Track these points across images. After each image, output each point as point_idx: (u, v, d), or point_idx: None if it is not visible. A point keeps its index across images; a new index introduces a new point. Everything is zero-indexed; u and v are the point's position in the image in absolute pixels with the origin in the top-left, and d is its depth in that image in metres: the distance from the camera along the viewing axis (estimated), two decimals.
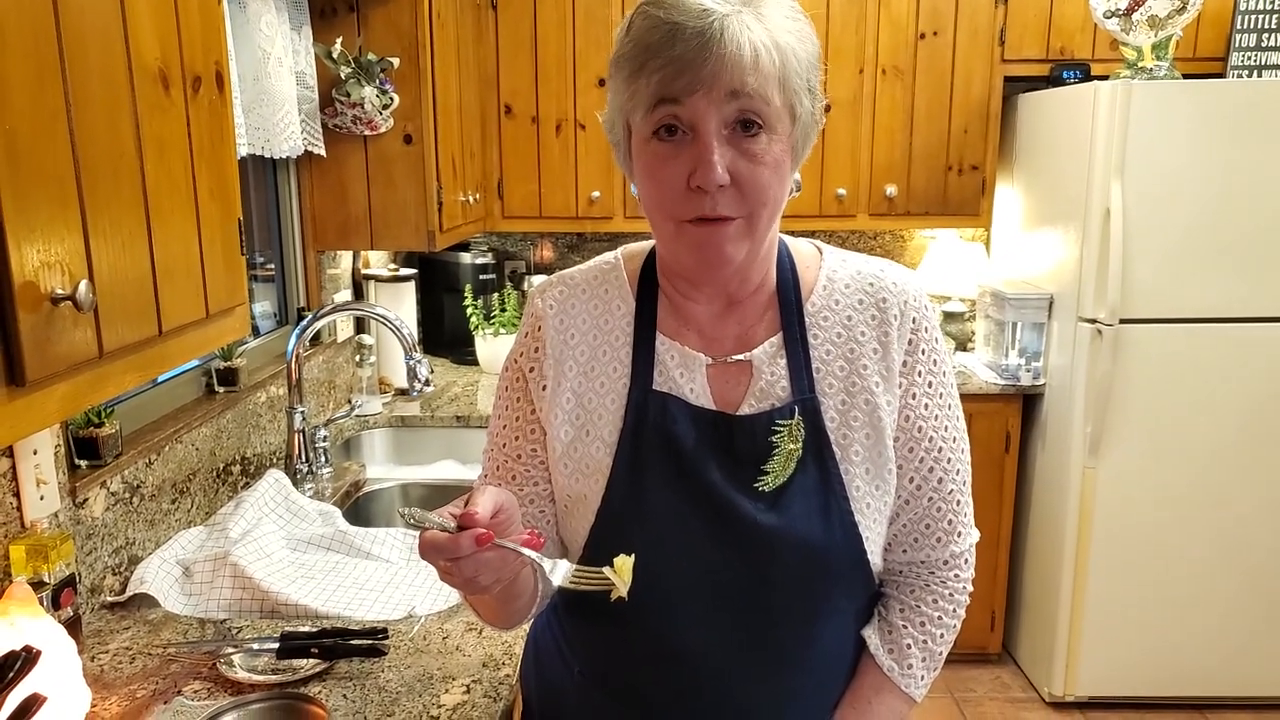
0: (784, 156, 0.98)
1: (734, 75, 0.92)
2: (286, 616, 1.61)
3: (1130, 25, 2.98)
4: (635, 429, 1.07)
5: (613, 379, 1.10)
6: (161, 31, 1.09)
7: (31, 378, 0.85)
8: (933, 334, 1.11)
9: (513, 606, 1.11)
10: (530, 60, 3.33)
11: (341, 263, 2.99)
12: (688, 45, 0.92)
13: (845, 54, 3.30)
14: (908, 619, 1.14)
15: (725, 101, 0.93)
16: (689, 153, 0.95)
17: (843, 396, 1.07)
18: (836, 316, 1.09)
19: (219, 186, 1.25)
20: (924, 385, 1.10)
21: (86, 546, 1.58)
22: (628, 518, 1.06)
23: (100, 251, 0.96)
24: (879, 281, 1.11)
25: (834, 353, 1.08)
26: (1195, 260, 2.90)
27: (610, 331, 1.12)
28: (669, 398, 1.07)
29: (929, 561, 1.13)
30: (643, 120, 0.97)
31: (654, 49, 0.94)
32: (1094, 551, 3.06)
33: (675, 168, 0.96)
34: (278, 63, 2.17)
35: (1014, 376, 3.23)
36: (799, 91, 0.97)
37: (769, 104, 0.94)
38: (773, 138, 0.96)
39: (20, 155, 0.83)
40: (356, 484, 2.35)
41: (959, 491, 1.12)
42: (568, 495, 1.10)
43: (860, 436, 1.07)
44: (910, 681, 1.14)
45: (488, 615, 1.14)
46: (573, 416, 1.10)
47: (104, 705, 1.33)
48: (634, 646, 1.10)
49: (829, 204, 3.40)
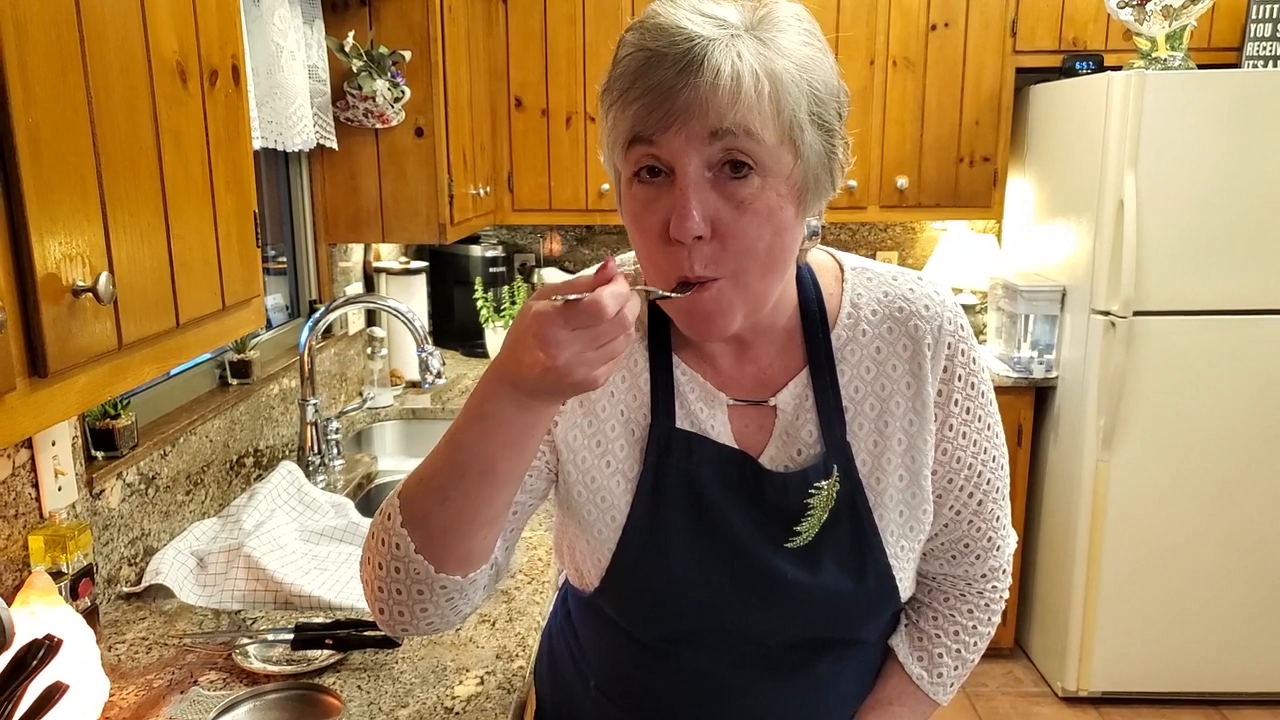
0: (782, 202, 0.85)
1: (711, 110, 0.80)
2: (300, 608, 1.62)
3: (1144, 15, 2.96)
4: (656, 468, 0.99)
5: (632, 408, 1.01)
6: (179, 25, 1.09)
7: (53, 369, 0.86)
8: (969, 355, 1.02)
9: (495, 511, 0.90)
10: (540, 53, 3.33)
11: (353, 256, 2.99)
12: (664, 75, 0.80)
13: (856, 45, 3.29)
14: (941, 628, 1.11)
15: (706, 141, 0.81)
16: (667, 198, 0.84)
17: (875, 438, 0.99)
18: (865, 350, 1.00)
19: (235, 179, 1.25)
20: (961, 413, 1.02)
21: (103, 537, 1.59)
22: (647, 564, 1.00)
23: (120, 244, 0.96)
24: (909, 305, 1.00)
25: (864, 390, 0.99)
26: (1209, 252, 2.88)
27: (627, 352, 1.01)
28: (693, 437, 0.99)
29: (967, 576, 1.11)
30: (622, 160, 0.87)
31: (631, 78, 0.83)
32: (1107, 545, 3.05)
33: (654, 215, 0.85)
34: (290, 56, 2.17)
35: (1026, 369, 3.22)
36: (801, 125, 0.84)
37: (759, 141, 0.81)
38: (766, 181, 0.83)
39: (43, 148, 0.84)
40: (368, 476, 2.36)
41: (998, 507, 1.08)
42: (581, 521, 1.04)
43: (894, 479, 1.00)
44: (938, 688, 1.11)
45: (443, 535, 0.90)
46: (592, 444, 1.02)
47: (121, 695, 1.34)
48: (651, 668, 1.07)
49: (840, 196, 3.36)
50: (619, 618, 1.06)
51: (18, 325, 0.82)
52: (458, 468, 0.88)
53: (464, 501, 0.88)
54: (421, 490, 0.91)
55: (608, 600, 1.05)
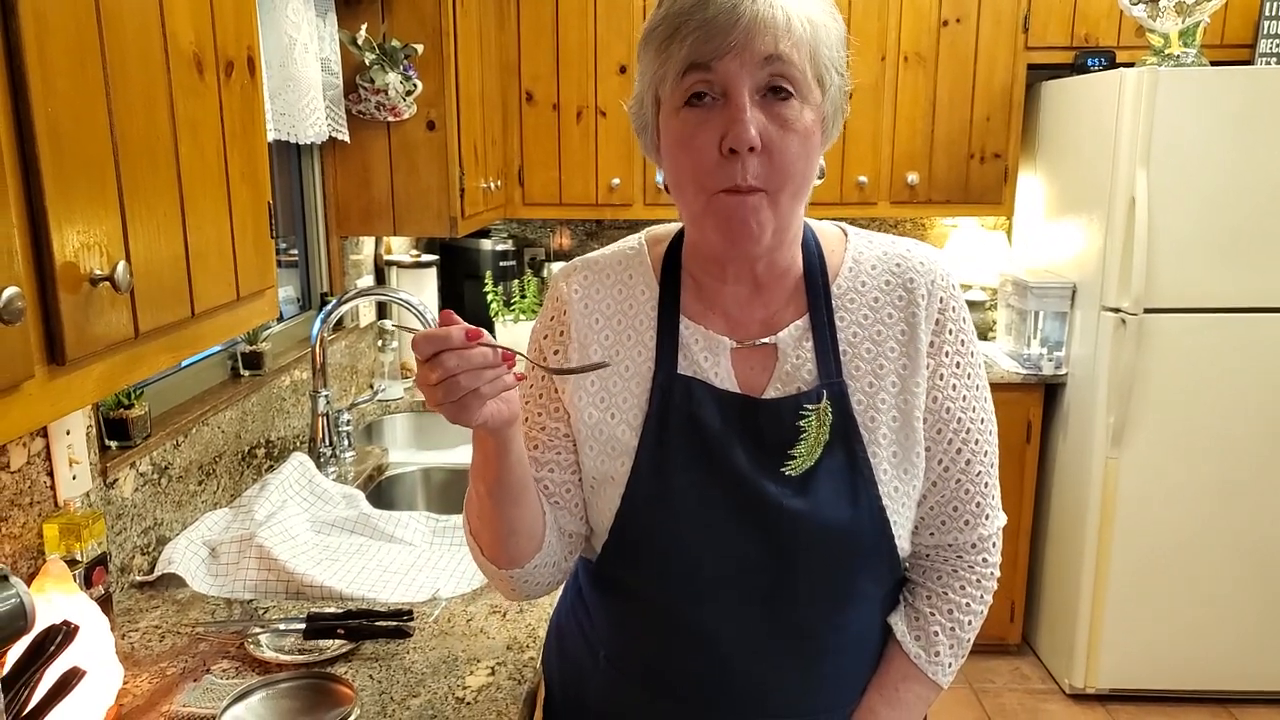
0: (814, 127, 0.97)
1: (767, 38, 0.92)
2: (312, 598, 1.63)
3: (1157, 12, 2.95)
4: (660, 412, 1.07)
5: (637, 363, 1.09)
6: (196, 16, 1.10)
7: (71, 357, 0.86)
8: (960, 313, 1.10)
9: (515, 521, 1.05)
10: (551, 47, 3.33)
11: (364, 248, 3.00)
12: (720, 8, 0.92)
13: (867, 41, 3.28)
14: (935, 606, 1.14)
15: (758, 66, 0.93)
16: (720, 117, 0.94)
17: (870, 379, 1.06)
18: (863, 298, 1.08)
19: (250, 170, 1.26)
20: (951, 365, 1.09)
21: (116, 526, 1.60)
22: (654, 500, 1.06)
23: (137, 233, 0.97)
24: (906, 261, 1.09)
25: (860, 335, 1.07)
26: (1221, 250, 2.88)
27: (634, 316, 1.11)
28: (694, 381, 1.07)
29: (956, 545, 1.13)
30: (673, 89, 0.97)
31: (685, 14, 0.94)
32: (1116, 542, 3.05)
33: (706, 134, 0.95)
34: (304, 49, 2.18)
35: (1036, 366, 3.22)
36: (828, 66, 0.97)
37: (801, 71, 0.94)
38: (804, 105, 0.96)
39: (62, 138, 0.84)
40: (379, 468, 2.37)
41: (986, 474, 1.12)
42: (594, 476, 1.10)
43: (887, 419, 1.06)
44: (937, 669, 1.14)
45: (490, 543, 1.07)
46: (598, 400, 1.10)
47: (135, 682, 1.35)
48: (660, 631, 1.11)
49: (850, 191, 3.39)
50: (627, 570, 1.11)
51: (36, 313, 0.83)
52: (476, 491, 1.04)
53: (491, 518, 1.04)
54: (467, 508, 1.10)
55: (618, 551, 1.10)
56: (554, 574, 1.14)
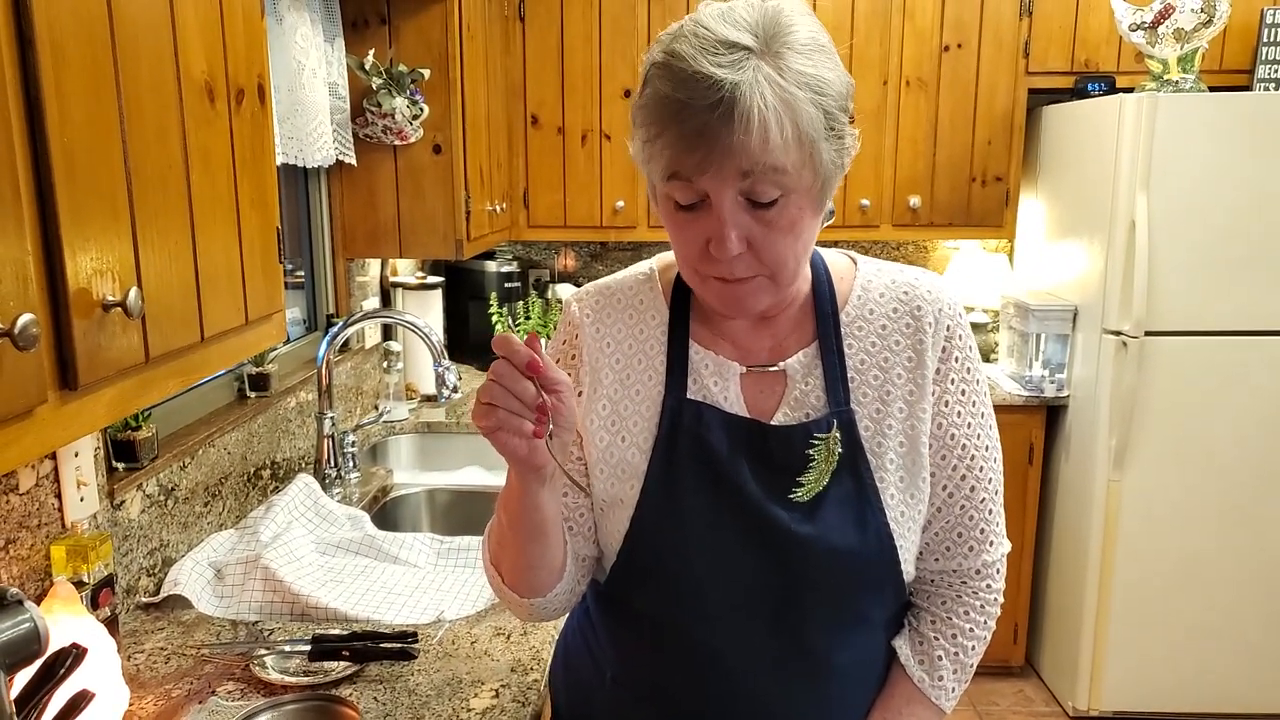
0: (803, 212, 0.96)
1: (743, 155, 0.90)
2: (317, 619, 1.63)
3: (1156, 38, 2.98)
4: (669, 435, 1.08)
5: (647, 386, 1.11)
6: (208, 46, 1.12)
7: (83, 382, 0.88)
8: (966, 342, 1.12)
9: (533, 556, 1.06)
10: (557, 71, 3.36)
11: (370, 270, 3.02)
12: (697, 123, 0.89)
13: (869, 66, 3.31)
14: (939, 630, 1.15)
15: (739, 179, 0.92)
16: (705, 221, 0.96)
17: (877, 405, 1.08)
18: (871, 326, 1.10)
19: (259, 196, 1.27)
20: (957, 393, 1.10)
21: (123, 548, 1.61)
22: (663, 522, 1.07)
23: (148, 260, 0.99)
24: (914, 290, 1.11)
25: (869, 362, 1.09)
26: (1221, 272, 2.89)
27: (645, 340, 1.13)
28: (703, 405, 1.08)
29: (961, 570, 1.14)
30: (660, 182, 0.97)
31: (664, 123, 0.92)
32: (1119, 564, 3.05)
33: (693, 232, 0.97)
34: (311, 74, 2.21)
35: (1038, 388, 3.22)
36: (817, 141, 0.93)
37: (784, 172, 0.92)
38: (789, 199, 0.94)
39: (77, 167, 0.86)
40: (384, 489, 2.38)
41: (991, 500, 1.13)
42: (604, 499, 1.12)
43: (894, 445, 1.07)
44: (940, 693, 1.14)
45: (510, 571, 1.09)
46: (608, 423, 1.12)
47: (141, 704, 1.35)
48: (667, 653, 1.12)
49: (853, 214, 3.41)
50: (635, 592, 1.12)
51: (49, 338, 0.84)
52: (499, 519, 1.07)
53: (510, 548, 1.07)
54: (489, 539, 1.13)
55: (626, 573, 1.11)
56: (570, 599, 1.16)
